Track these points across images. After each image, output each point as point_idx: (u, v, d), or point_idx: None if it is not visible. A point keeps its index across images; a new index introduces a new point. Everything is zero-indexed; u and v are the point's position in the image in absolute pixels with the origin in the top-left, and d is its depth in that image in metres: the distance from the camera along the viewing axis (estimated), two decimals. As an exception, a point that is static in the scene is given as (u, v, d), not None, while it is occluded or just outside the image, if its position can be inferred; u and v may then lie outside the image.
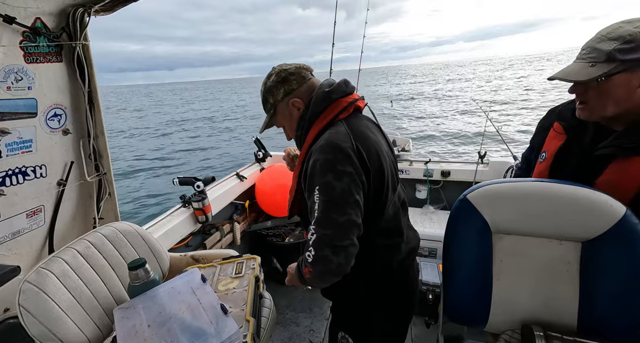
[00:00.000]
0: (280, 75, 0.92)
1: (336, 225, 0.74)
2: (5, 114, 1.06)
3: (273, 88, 0.92)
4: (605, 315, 0.81)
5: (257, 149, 2.72)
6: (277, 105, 0.94)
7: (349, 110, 0.88)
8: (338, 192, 0.75)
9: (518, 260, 0.89)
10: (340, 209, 0.75)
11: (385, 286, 0.96)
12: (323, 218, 0.75)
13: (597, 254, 0.81)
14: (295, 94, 0.91)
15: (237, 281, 1.16)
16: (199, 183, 1.88)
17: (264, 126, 1.01)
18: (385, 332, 1.00)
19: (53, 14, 1.15)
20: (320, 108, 0.87)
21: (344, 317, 1.03)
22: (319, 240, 0.75)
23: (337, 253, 0.74)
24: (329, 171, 0.77)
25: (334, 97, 0.88)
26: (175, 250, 1.72)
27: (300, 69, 0.93)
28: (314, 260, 0.75)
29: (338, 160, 0.77)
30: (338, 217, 0.74)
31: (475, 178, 2.38)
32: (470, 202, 0.90)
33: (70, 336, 0.96)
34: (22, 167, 1.13)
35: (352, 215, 0.76)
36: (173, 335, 0.86)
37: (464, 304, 0.97)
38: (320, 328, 2.01)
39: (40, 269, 0.99)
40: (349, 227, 0.75)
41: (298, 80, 0.91)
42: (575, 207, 0.81)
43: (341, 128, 0.84)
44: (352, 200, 0.76)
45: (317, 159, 0.79)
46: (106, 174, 1.43)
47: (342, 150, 0.78)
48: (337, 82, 0.92)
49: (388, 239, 0.93)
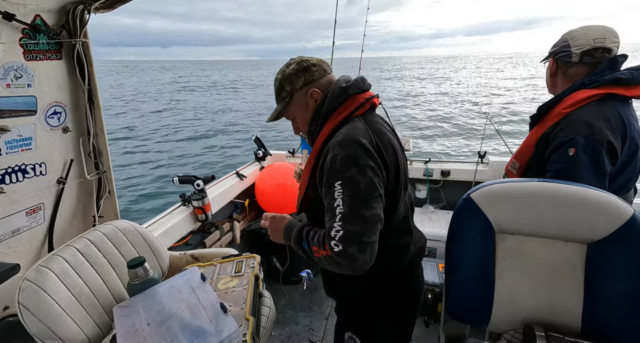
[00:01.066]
0: (301, 64, 0.91)
1: (363, 220, 0.73)
2: (4, 112, 1.05)
3: (292, 76, 0.91)
4: (609, 317, 0.81)
5: (257, 148, 2.72)
6: (294, 93, 0.92)
7: (365, 106, 0.88)
8: (363, 186, 0.74)
9: (521, 260, 0.89)
10: (366, 204, 0.73)
11: (394, 286, 0.95)
12: (350, 213, 0.73)
13: (603, 256, 0.81)
14: (316, 84, 0.90)
15: (236, 280, 1.16)
16: (199, 181, 1.88)
17: (274, 115, 0.98)
18: (392, 332, 0.99)
19: (53, 11, 1.15)
20: (336, 103, 0.86)
21: (351, 317, 1.02)
22: (347, 236, 0.72)
23: (363, 250, 0.72)
24: (351, 165, 0.75)
25: (351, 92, 0.87)
26: (174, 248, 1.72)
27: (321, 62, 0.93)
28: (340, 254, 0.72)
29: (360, 154, 0.76)
30: (365, 211, 0.73)
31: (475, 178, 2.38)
32: (474, 201, 0.90)
33: (69, 334, 0.96)
34: (21, 164, 1.13)
35: (378, 209, 0.75)
36: (172, 333, 0.86)
37: (466, 303, 0.97)
38: (320, 327, 2.01)
39: (39, 267, 0.99)
40: (375, 222, 0.74)
41: (319, 71, 0.91)
42: (581, 208, 0.80)
43: (359, 124, 0.83)
44: (377, 194, 0.75)
45: (338, 153, 0.77)
46: (106, 172, 1.42)
47: (363, 145, 0.77)
48: (353, 78, 0.92)
49: (399, 238, 0.92)
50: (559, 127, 1.03)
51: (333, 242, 0.73)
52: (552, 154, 1.02)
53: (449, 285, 0.99)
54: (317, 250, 0.77)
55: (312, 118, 0.90)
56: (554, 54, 1.13)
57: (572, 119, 1.01)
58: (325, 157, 0.80)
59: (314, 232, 0.82)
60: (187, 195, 1.91)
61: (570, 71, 1.10)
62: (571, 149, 0.97)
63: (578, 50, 1.05)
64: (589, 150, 0.95)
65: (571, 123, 1.00)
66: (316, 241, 0.78)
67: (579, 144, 0.96)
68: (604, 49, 1.02)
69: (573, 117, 1.01)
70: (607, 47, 1.02)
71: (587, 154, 0.95)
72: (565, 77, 1.11)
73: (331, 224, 0.75)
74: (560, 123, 1.03)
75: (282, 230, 0.92)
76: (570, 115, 1.02)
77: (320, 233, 0.79)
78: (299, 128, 0.98)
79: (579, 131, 0.97)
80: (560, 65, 1.12)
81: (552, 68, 1.15)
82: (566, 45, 1.08)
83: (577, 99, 1.03)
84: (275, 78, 0.95)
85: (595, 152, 0.95)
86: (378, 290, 0.94)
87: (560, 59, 1.11)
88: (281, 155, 2.93)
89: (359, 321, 0.99)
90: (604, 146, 0.95)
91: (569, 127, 1.00)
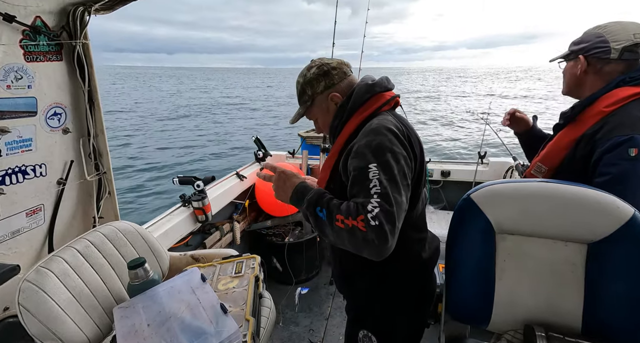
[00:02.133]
0: (322, 68, 0.93)
1: (397, 204, 0.71)
2: (5, 113, 1.05)
3: (313, 80, 0.93)
4: (610, 318, 0.81)
5: (257, 149, 2.72)
6: (315, 97, 0.94)
7: (390, 104, 0.90)
8: (396, 172, 0.73)
9: (522, 260, 0.89)
10: (399, 190, 0.73)
11: (413, 282, 0.96)
12: (387, 194, 0.70)
13: (603, 256, 0.80)
14: (336, 88, 0.93)
15: (236, 280, 1.16)
16: (199, 182, 1.88)
17: (297, 117, 1.01)
18: (407, 330, 0.99)
19: (53, 13, 1.15)
20: (363, 99, 0.88)
21: (366, 314, 1.01)
22: (386, 214, 0.68)
23: (394, 233, 0.69)
24: (387, 151, 0.75)
25: (377, 90, 0.89)
26: (175, 249, 1.72)
27: (341, 65, 0.95)
28: (375, 229, 0.67)
29: (394, 142, 0.77)
30: (397, 196, 0.72)
31: (475, 179, 2.38)
32: (474, 201, 0.90)
33: (69, 335, 0.96)
34: (21, 165, 1.13)
35: (405, 198, 0.74)
36: (173, 334, 0.86)
37: (466, 303, 0.97)
38: (320, 327, 2.01)
39: (39, 268, 0.99)
40: (404, 210, 0.73)
41: (339, 75, 0.93)
42: (581, 208, 0.80)
43: (389, 116, 0.86)
44: (405, 183, 0.76)
45: (372, 139, 0.77)
46: (106, 173, 1.42)
47: (397, 135, 0.79)
48: (378, 78, 0.95)
49: (418, 233, 0.94)
50: (608, 125, 0.92)
51: (370, 216, 0.68)
52: (604, 155, 0.90)
53: (449, 285, 0.99)
54: (343, 219, 0.71)
55: (337, 113, 0.92)
56: (585, 50, 1.01)
57: (624, 116, 0.91)
58: (351, 149, 0.81)
59: (338, 201, 0.77)
60: (187, 196, 1.91)
61: (606, 68, 0.99)
62: (632, 149, 0.86)
63: (619, 46, 0.95)
64: None
65: (624, 121, 0.90)
66: (345, 210, 0.72)
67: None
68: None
69: (622, 115, 0.91)
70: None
71: None
72: (598, 75, 1.01)
73: (366, 200, 0.70)
74: (608, 121, 0.93)
75: (293, 189, 0.85)
76: (616, 114, 0.92)
77: (351, 204, 0.73)
78: (320, 128, 1.02)
79: (638, 129, 0.87)
80: (593, 62, 1.01)
81: (583, 66, 1.02)
82: (602, 41, 0.97)
83: (619, 97, 0.93)
84: (297, 81, 0.98)
85: None
86: (396, 286, 0.94)
87: (594, 56, 0.99)
88: (281, 155, 2.93)
89: (375, 317, 0.98)
90: None
91: (624, 125, 0.89)
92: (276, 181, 0.90)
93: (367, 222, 0.68)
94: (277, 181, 0.90)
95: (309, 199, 0.80)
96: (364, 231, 0.68)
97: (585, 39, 1.02)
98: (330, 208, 0.75)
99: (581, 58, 1.02)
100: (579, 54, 1.03)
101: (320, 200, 0.78)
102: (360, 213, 0.70)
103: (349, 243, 0.72)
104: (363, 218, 0.69)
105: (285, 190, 0.87)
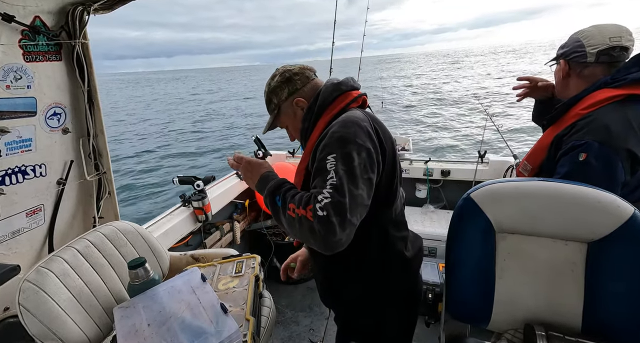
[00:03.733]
0: (284, 75, 0.93)
1: (351, 197, 0.69)
2: (4, 113, 1.05)
3: (277, 88, 0.94)
4: (610, 317, 0.81)
5: (257, 149, 2.72)
6: (281, 105, 0.95)
7: (358, 101, 0.90)
8: (356, 164, 0.72)
9: (522, 259, 0.89)
10: (355, 182, 0.71)
11: (400, 285, 0.95)
12: (341, 185, 0.69)
13: (603, 255, 0.80)
14: (299, 93, 0.92)
15: (237, 280, 1.16)
16: (199, 182, 1.88)
17: (267, 127, 1.01)
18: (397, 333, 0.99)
19: (52, 13, 1.15)
20: (331, 98, 0.88)
21: (355, 324, 1.00)
22: (335, 205, 0.67)
23: (343, 227, 0.67)
24: (349, 143, 0.74)
25: (344, 88, 0.90)
26: (175, 249, 1.72)
27: (303, 70, 0.95)
28: (322, 220, 0.67)
29: (358, 134, 0.76)
30: (353, 189, 0.70)
31: (475, 178, 2.38)
32: (474, 200, 0.90)
33: (70, 335, 0.96)
34: (21, 166, 1.13)
35: (364, 192, 0.73)
36: (173, 334, 0.86)
37: (466, 302, 0.97)
38: (320, 327, 2.01)
39: (40, 268, 0.99)
40: (359, 204, 0.71)
41: (302, 80, 0.93)
42: (581, 207, 0.80)
43: (357, 111, 0.85)
44: (366, 177, 0.74)
45: (337, 131, 0.77)
46: (106, 173, 1.42)
47: (363, 127, 0.78)
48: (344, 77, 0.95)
49: (398, 232, 0.93)
50: (575, 128, 0.97)
51: (318, 205, 0.68)
52: (561, 157, 0.97)
53: (449, 284, 0.99)
54: (295, 208, 0.71)
55: (305, 116, 0.91)
56: (565, 55, 1.07)
57: (590, 120, 0.94)
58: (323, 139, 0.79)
59: (295, 191, 0.78)
60: (187, 196, 1.91)
61: (585, 72, 1.04)
62: (582, 154, 0.91)
63: (594, 50, 0.99)
64: (602, 157, 0.89)
65: (588, 125, 0.94)
66: (298, 199, 0.73)
67: (592, 149, 0.90)
68: (622, 48, 0.97)
69: (591, 118, 0.95)
70: (624, 46, 0.97)
71: (599, 161, 0.89)
72: (580, 78, 1.05)
73: (320, 190, 0.70)
74: (577, 124, 0.97)
75: (258, 178, 0.87)
76: (588, 117, 0.96)
77: (305, 194, 0.74)
78: (293, 135, 1.00)
79: (594, 135, 0.91)
80: (573, 66, 1.06)
81: (564, 70, 1.08)
82: (579, 45, 1.02)
83: (597, 99, 0.96)
84: (264, 91, 0.98)
85: (609, 159, 0.89)
86: (383, 293, 0.93)
87: (573, 60, 1.05)
88: (281, 155, 2.93)
89: (364, 327, 0.98)
90: (622, 154, 0.89)
91: (584, 130, 0.94)
92: (243, 170, 0.91)
93: (314, 212, 0.68)
94: (244, 171, 0.91)
95: (269, 188, 0.81)
96: (310, 221, 0.68)
97: (567, 43, 1.08)
98: (285, 197, 0.76)
99: (562, 62, 1.09)
100: (561, 58, 1.10)
101: (279, 190, 0.79)
102: (310, 203, 0.69)
103: (299, 232, 0.72)
104: (312, 207, 0.68)
105: (252, 179, 0.88)
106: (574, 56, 1.04)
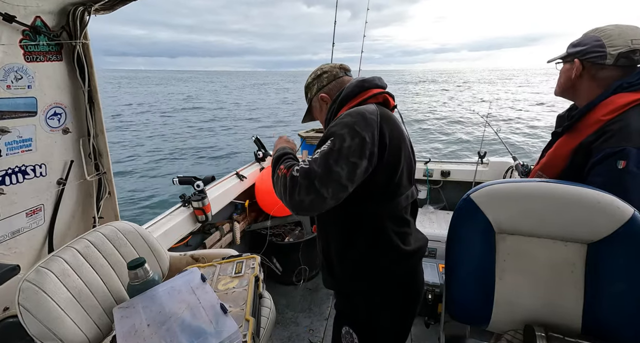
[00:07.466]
0: (316, 73, 1.05)
1: (327, 170, 0.76)
2: (4, 113, 1.05)
3: (310, 84, 1.07)
4: (610, 318, 0.81)
5: (257, 149, 2.72)
6: (312, 99, 1.07)
7: (378, 98, 0.95)
8: (345, 145, 0.78)
9: (521, 260, 0.89)
10: (337, 160, 0.77)
11: (396, 279, 0.96)
12: (322, 158, 0.78)
13: (603, 256, 0.80)
14: (324, 90, 1.03)
15: (236, 280, 1.16)
16: (199, 182, 1.88)
17: (305, 117, 1.15)
18: (389, 326, 0.99)
19: (53, 13, 1.15)
20: (352, 94, 0.94)
21: (350, 310, 1.02)
22: (307, 171, 0.77)
23: (308, 192, 0.76)
24: (347, 128, 0.81)
25: (366, 85, 0.95)
26: (175, 249, 1.72)
27: (333, 68, 1.04)
28: (292, 179, 0.78)
29: (359, 123, 0.81)
30: (333, 164, 0.77)
31: (475, 179, 2.38)
32: (474, 201, 0.90)
33: (69, 335, 0.96)
34: (21, 166, 1.13)
35: (343, 171, 0.77)
36: (172, 334, 0.86)
37: (466, 303, 0.97)
38: (320, 328, 2.01)
39: (39, 268, 0.99)
40: (333, 179, 0.76)
41: (329, 77, 1.03)
42: (581, 208, 0.80)
43: (371, 106, 0.90)
44: (351, 160, 0.78)
45: (342, 117, 0.84)
46: (106, 173, 1.42)
47: (366, 119, 0.83)
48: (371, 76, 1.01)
49: (397, 227, 0.94)
50: (606, 135, 0.90)
51: (296, 168, 0.80)
52: (595, 166, 0.90)
53: (449, 285, 0.99)
54: (282, 169, 0.84)
55: (329, 108, 0.99)
56: (581, 53, 0.98)
57: (622, 126, 0.88)
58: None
59: (293, 161, 0.90)
60: (187, 196, 1.91)
61: (601, 74, 0.96)
62: (621, 161, 0.85)
63: (615, 51, 0.92)
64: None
65: (621, 131, 0.88)
66: (288, 164, 0.86)
67: (631, 155, 0.84)
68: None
69: (622, 123, 0.89)
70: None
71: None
72: (593, 80, 0.98)
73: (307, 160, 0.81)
74: (607, 130, 0.90)
75: (277, 147, 1.01)
76: (617, 122, 0.90)
77: (296, 162, 0.88)
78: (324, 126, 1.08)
79: (632, 141, 0.85)
80: (588, 67, 0.98)
81: (577, 69, 1.00)
82: (599, 45, 0.94)
83: (617, 105, 0.91)
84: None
85: None
86: (377, 279, 0.95)
87: (589, 60, 0.97)
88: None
89: (358, 315, 0.99)
90: None
91: (618, 136, 0.88)
92: (276, 142, 1.08)
93: (291, 173, 0.80)
94: (276, 142, 1.07)
95: (277, 155, 0.95)
96: (286, 178, 0.80)
97: (583, 41, 0.99)
98: (282, 161, 0.89)
99: (576, 61, 1.00)
100: (575, 57, 1.00)
101: (282, 157, 0.92)
102: (293, 167, 0.82)
103: (276, 188, 0.85)
104: (292, 170, 0.80)
105: (275, 148, 1.02)
106: (592, 56, 0.96)
